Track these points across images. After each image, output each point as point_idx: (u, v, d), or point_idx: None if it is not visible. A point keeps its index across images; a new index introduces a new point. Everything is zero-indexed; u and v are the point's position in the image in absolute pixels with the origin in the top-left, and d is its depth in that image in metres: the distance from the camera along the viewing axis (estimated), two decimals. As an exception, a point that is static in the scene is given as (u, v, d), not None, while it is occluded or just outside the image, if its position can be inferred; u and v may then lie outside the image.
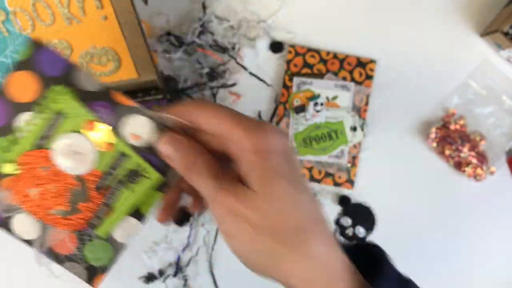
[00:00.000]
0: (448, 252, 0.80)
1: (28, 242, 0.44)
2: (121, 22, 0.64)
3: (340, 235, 0.80)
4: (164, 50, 0.81)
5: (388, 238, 0.80)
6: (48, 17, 0.64)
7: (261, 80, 0.80)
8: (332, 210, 0.81)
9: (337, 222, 0.80)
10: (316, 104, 0.78)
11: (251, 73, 0.81)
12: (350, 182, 0.79)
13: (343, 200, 0.79)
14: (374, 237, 0.80)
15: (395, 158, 0.80)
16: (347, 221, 0.80)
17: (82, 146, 0.40)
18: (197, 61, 0.80)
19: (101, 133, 0.40)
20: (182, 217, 0.79)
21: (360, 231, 0.80)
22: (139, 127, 0.40)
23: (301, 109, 0.79)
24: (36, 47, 0.39)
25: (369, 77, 0.79)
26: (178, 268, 0.80)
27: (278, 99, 0.80)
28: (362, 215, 0.80)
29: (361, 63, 0.79)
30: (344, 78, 0.79)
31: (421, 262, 0.80)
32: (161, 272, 0.80)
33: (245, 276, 0.81)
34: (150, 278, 0.81)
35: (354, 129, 0.79)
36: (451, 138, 0.78)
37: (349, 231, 0.80)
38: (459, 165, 0.78)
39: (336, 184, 0.79)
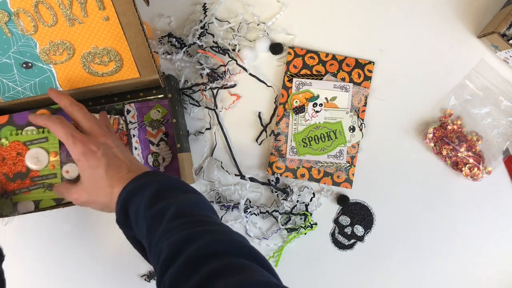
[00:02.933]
0: (445, 250, 0.81)
1: None
2: (122, 22, 0.65)
3: (338, 233, 0.81)
4: (165, 51, 0.82)
5: (386, 237, 0.81)
6: (51, 18, 0.64)
7: (261, 81, 0.81)
8: (331, 209, 0.81)
9: (336, 220, 0.81)
10: (315, 104, 0.79)
11: (251, 74, 0.81)
12: (349, 181, 0.80)
13: (342, 199, 0.80)
14: (372, 236, 0.81)
15: (393, 158, 0.81)
16: (345, 220, 0.81)
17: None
18: (198, 62, 0.81)
19: None
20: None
21: (359, 229, 0.80)
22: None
23: (300, 109, 0.80)
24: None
25: (367, 78, 0.80)
26: (179, 266, 0.81)
27: (277, 100, 0.81)
28: (361, 214, 0.80)
29: (360, 64, 0.80)
30: (343, 79, 0.80)
31: (419, 261, 0.81)
32: (161, 271, 0.81)
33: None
34: (151, 276, 0.81)
35: (352, 129, 0.79)
36: (449, 138, 0.78)
37: (348, 230, 0.81)
38: (456, 165, 0.79)
39: (335, 183, 0.80)
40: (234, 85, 0.81)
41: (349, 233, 0.81)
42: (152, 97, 0.76)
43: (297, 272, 0.81)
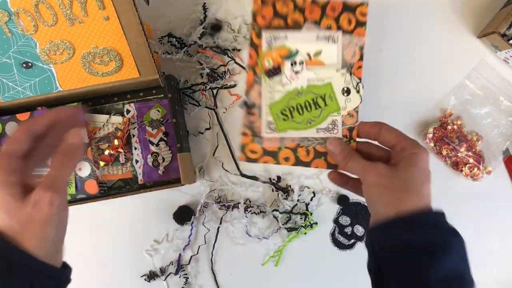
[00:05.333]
0: (446, 251, 0.81)
1: None
2: (122, 22, 0.65)
3: (338, 233, 0.81)
4: (165, 51, 0.82)
5: (387, 237, 0.81)
6: (51, 18, 0.64)
7: (261, 81, 0.81)
8: (331, 209, 0.81)
9: (336, 221, 0.81)
10: (294, 63, 0.61)
11: (251, 74, 0.81)
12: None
13: (342, 199, 0.80)
14: (373, 236, 0.81)
15: (393, 158, 0.81)
16: (345, 220, 0.81)
17: None
18: (198, 62, 0.81)
19: None
20: (183, 216, 0.80)
21: (359, 229, 0.80)
22: None
23: (275, 71, 0.62)
24: None
25: (360, 24, 0.61)
26: (179, 266, 0.81)
27: (246, 63, 0.70)
28: (361, 214, 0.80)
29: (349, 8, 0.61)
30: (329, 28, 0.61)
31: (419, 261, 0.81)
32: (162, 270, 0.81)
33: (245, 274, 0.82)
34: (151, 276, 0.81)
35: (347, 91, 0.62)
36: (449, 138, 0.78)
37: (348, 230, 0.81)
38: (456, 165, 0.79)
39: (331, 166, 0.62)
40: (234, 85, 0.81)
41: (349, 233, 0.81)
42: (152, 97, 0.76)
43: (297, 272, 0.81)
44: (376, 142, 0.60)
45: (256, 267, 0.81)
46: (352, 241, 0.80)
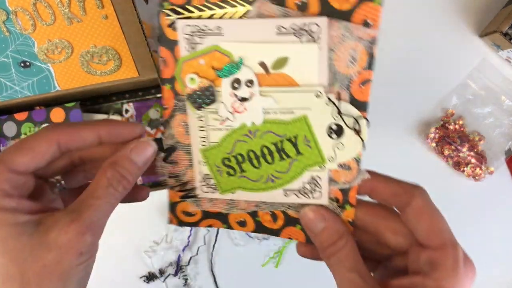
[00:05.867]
0: (448, 252, 0.80)
1: None
2: (121, 21, 0.64)
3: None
4: (164, 50, 0.81)
5: (388, 238, 0.80)
6: (49, 16, 0.64)
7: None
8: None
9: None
10: (236, 83, 0.35)
11: (251, 74, 0.80)
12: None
13: (343, 200, 0.79)
14: (374, 237, 0.80)
15: (394, 159, 0.80)
16: (346, 220, 0.80)
17: None
18: (197, 61, 0.80)
19: None
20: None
21: (360, 230, 0.80)
22: None
23: (205, 97, 0.36)
24: None
25: None
26: (179, 267, 0.80)
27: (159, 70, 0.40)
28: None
29: None
30: (302, 8, 0.33)
31: (421, 262, 0.80)
32: (161, 272, 0.81)
33: (245, 275, 0.82)
34: (150, 277, 0.81)
35: (336, 132, 0.36)
36: (450, 138, 0.78)
37: (349, 231, 0.80)
38: (458, 165, 0.78)
39: (309, 239, 0.38)
40: (234, 85, 0.81)
41: (350, 233, 0.80)
42: (151, 96, 0.76)
43: (298, 272, 0.81)
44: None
45: (256, 268, 0.81)
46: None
